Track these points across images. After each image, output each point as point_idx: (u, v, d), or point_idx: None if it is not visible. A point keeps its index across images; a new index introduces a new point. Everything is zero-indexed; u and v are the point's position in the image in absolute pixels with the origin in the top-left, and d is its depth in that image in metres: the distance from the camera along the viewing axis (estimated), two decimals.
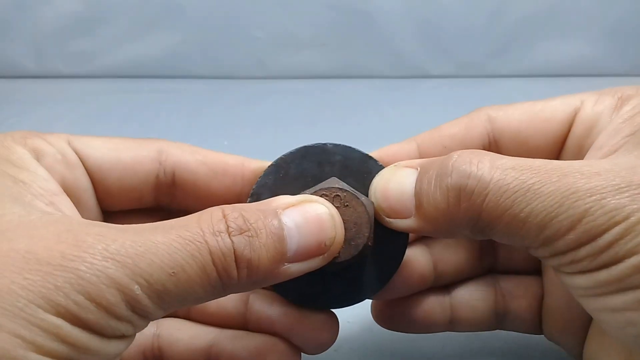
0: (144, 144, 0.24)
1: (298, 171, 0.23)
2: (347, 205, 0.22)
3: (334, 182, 0.22)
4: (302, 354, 0.23)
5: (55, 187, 0.20)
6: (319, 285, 0.23)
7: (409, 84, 0.64)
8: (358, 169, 0.23)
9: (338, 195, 0.21)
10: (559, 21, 0.63)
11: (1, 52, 0.63)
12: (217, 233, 0.18)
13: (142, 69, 0.64)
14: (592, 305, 0.18)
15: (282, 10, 0.62)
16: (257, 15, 0.62)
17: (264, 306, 0.23)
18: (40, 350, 0.15)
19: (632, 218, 0.16)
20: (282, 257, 0.19)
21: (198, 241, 0.17)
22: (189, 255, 0.17)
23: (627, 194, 0.17)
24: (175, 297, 0.17)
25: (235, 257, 0.18)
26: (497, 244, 0.25)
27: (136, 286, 0.16)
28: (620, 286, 0.17)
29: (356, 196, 0.22)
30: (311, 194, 0.21)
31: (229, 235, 0.18)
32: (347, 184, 0.22)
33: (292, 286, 0.22)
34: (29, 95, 0.61)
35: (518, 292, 0.25)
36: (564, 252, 0.17)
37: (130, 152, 0.23)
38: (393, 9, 0.62)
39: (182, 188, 0.24)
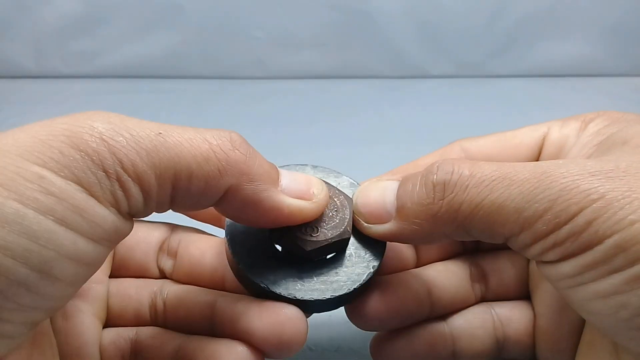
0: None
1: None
2: (331, 195, 0.23)
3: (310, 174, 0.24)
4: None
5: None
6: (292, 275, 0.22)
7: (409, 84, 0.64)
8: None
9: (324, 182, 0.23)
10: (559, 21, 0.63)
11: (1, 52, 0.63)
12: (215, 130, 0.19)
13: (142, 69, 0.64)
14: (580, 295, 0.18)
15: (282, 10, 0.62)
16: (257, 15, 0.62)
17: (228, 305, 0.22)
18: (21, 198, 0.15)
19: (608, 196, 0.17)
20: (276, 179, 0.20)
21: (192, 129, 0.18)
22: (178, 127, 0.18)
23: (599, 177, 0.17)
24: (165, 158, 0.17)
25: (231, 141, 0.19)
26: (487, 270, 0.26)
27: (121, 138, 0.16)
28: (606, 268, 0.17)
29: (337, 188, 0.23)
30: None
31: (229, 132, 0.19)
32: None
33: (264, 272, 0.22)
34: (29, 95, 0.61)
35: (513, 317, 0.25)
36: (544, 236, 0.18)
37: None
38: (393, 9, 0.62)
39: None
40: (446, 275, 0.25)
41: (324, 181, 0.23)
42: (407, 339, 0.25)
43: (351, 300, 0.23)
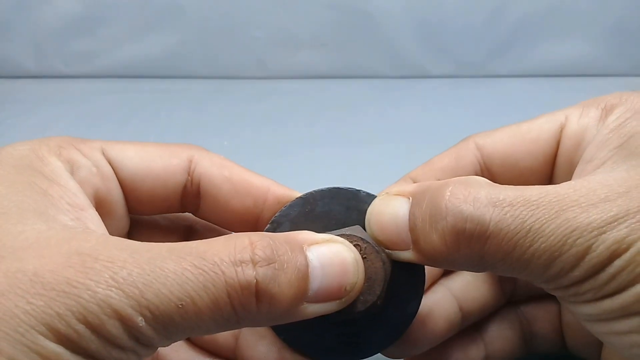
0: (176, 152, 0.24)
1: (324, 210, 0.22)
2: (365, 257, 0.21)
3: (358, 231, 0.21)
4: None
5: (84, 201, 0.20)
6: (314, 331, 0.22)
7: (409, 84, 0.64)
8: None
9: (358, 244, 0.20)
10: (559, 21, 0.63)
11: (1, 52, 0.63)
12: (239, 263, 0.17)
13: (142, 69, 0.64)
14: (597, 329, 0.19)
15: (282, 10, 0.62)
16: (257, 15, 0.62)
17: (252, 341, 0.22)
18: None
19: (632, 249, 0.16)
20: (304, 295, 0.18)
21: (213, 272, 0.16)
22: (200, 286, 0.16)
23: (625, 225, 0.17)
24: (182, 329, 0.16)
25: (257, 289, 0.17)
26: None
27: (140, 318, 0.16)
28: (624, 313, 0.17)
29: (376, 250, 0.21)
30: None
31: (255, 265, 0.17)
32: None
33: (288, 325, 0.21)
34: (29, 95, 0.61)
35: (539, 315, 0.25)
36: (568, 287, 0.18)
37: (161, 161, 0.23)
38: (393, 9, 0.62)
39: (205, 200, 0.24)
40: (475, 285, 0.25)
41: (361, 238, 0.21)
42: (442, 355, 0.24)
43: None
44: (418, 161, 0.26)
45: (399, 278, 0.22)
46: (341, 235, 0.20)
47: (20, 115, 0.57)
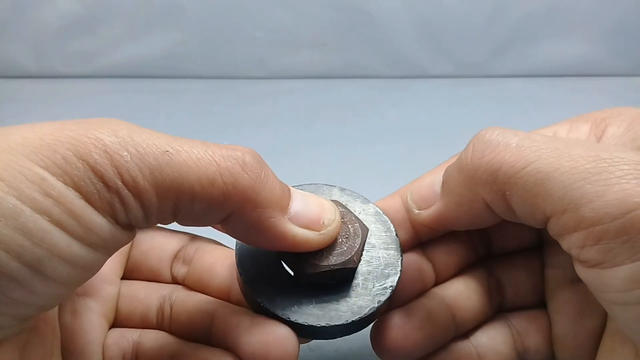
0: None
1: None
2: (343, 220, 0.22)
3: (335, 201, 0.23)
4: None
5: None
6: (292, 295, 0.22)
7: (409, 84, 0.64)
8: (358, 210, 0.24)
9: (338, 209, 0.22)
10: (559, 21, 0.63)
11: (1, 52, 0.63)
12: (228, 147, 0.18)
13: (142, 69, 0.64)
14: (609, 298, 0.17)
15: (282, 10, 0.62)
16: (257, 15, 0.62)
17: (225, 317, 0.22)
18: (20, 196, 0.15)
19: None
20: (286, 206, 0.20)
21: (202, 143, 0.18)
22: (188, 145, 0.18)
23: None
24: (168, 179, 0.17)
25: (244, 163, 0.18)
26: (503, 281, 0.26)
27: (125, 153, 0.16)
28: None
29: (354, 215, 0.22)
30: None
31: (242, 151, 0.19)
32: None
33: (265, 287, 0.22)
34: (29, 95, 0.61)
35: (531, 328, 0.25)
36: (589, 225, 0.16)
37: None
38: (393, 9, 0.62)
39: None
40: (467, 295, 0.25)
41: (344, 206, 0.22)
42: None
43: (351, 332, 0.22)
44: (418, 161, 0.26)
45: (378, 253, 0.23)
46: None
47: (20, 115, 0.57)
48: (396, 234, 0.24)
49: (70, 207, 0.16)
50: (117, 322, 0.24)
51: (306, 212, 0.20)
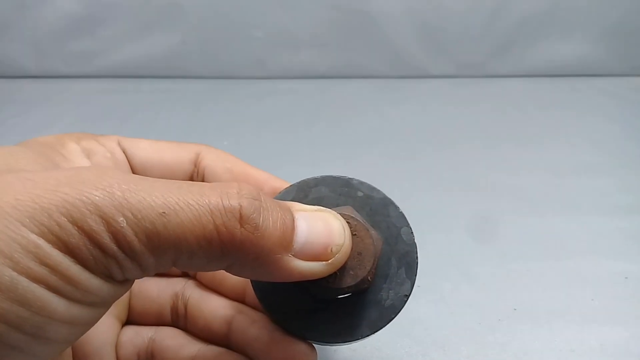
0: (186, 147, 0.25)
1: (317, 197, 0.23)
2: (355, 234, 0.21)
3: (348, 210, 0.22)
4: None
5: None
6: (306, 311, 0.22)
7: (409, 84, 0.64)
8: (376, 209, 0.23)
9: (349, 222, 0.21)
10: (559, 21, 0.63)
11: (1, 52, 0.63)
12: (225, 193, 0.17)
13: (142, 69, 0.64)
14: None
15: (282, 10, 0.62)
16: (257, 15, 0.62)
17: (244, 325, 0.23)
18: (16, 266, 0.15)
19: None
20: (289, 243, 0.19)
21: (198, 194, 0.17)
22: (184, 202, 0.17)
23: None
24: (165, 242, 0.17)
25: (241, 215, 0.17)
26: None
27: (121, 218, 0.16)
28: None
29: (366, 228, 0.21)
30: None
31: (240, 197, 0.17)
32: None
33: (279, 304, 0.22)
34: (29, 95, 0.61)
35: None
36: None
37: (171, 153, 0.25)
38: (393, 9, 0.62)
39: None
40: None
41: (356, 218, 0.21)
42: None
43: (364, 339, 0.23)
44: (418, 161, 0.26)
45: (391, 261, 0.22)
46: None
47: (20, 115, 0.57)
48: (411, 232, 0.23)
49: (67, 274, 0.16)
50: (131, 318, 0.25)
51: (312, 244, 0.19)
